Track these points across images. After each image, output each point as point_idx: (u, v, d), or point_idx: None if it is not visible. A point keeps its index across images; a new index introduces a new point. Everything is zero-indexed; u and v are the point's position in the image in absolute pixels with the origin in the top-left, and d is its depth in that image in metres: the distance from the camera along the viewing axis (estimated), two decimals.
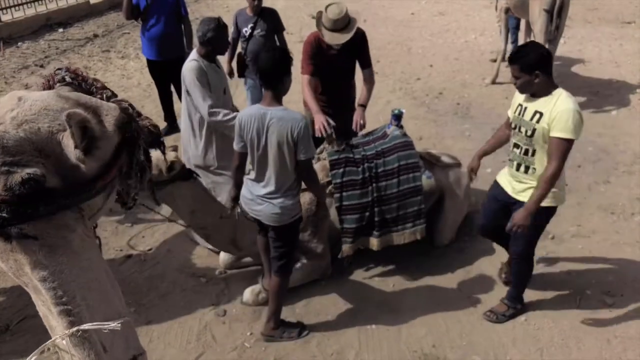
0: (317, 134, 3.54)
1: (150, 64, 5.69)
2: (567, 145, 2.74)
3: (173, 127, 5.95)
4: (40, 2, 10.76)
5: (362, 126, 3.79)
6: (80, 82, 1.67)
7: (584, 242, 4.01)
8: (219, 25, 3.62)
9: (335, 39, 3.70)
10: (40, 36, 9.96)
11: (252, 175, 2.89)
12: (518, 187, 3.01)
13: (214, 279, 3.66)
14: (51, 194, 1.24)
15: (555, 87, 2.85)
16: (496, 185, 3.20)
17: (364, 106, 3.87)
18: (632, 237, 4.05)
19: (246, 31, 4.79)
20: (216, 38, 3.61)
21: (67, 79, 1.66)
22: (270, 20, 4.87)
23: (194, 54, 3.70)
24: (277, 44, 4.99)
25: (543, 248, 3.93)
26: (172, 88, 5.85)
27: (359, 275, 3.68)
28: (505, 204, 3.09)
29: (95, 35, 10.13)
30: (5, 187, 1.19)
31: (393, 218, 3.54)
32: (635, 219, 4.28)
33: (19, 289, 3.51)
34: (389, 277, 3.66)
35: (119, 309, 1.49)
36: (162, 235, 4.14)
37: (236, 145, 2.88)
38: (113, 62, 8.69)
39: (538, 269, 3.72)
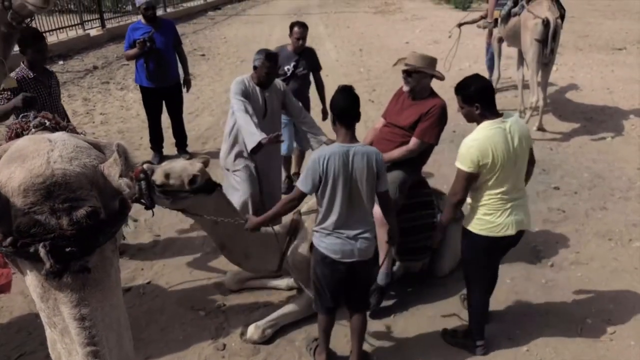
0: None
1: (147, 91, 5.83)
2: (460, 172, 2.94)
3: (161, 156, 6.06)
4: None
5: None
6: (55, 126, 1.73)
7: (583, 269, 4.02)
8: (263, 55, 3.90)
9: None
10: None
11: (333, 219, 2.79)
12: None
13: (213, 312, 3.63)
14: (103, 224, 1.29)
15: (487, 119, 2.94)
16: None
17: None
18: (631, 264, 4.06)
19: (288, 69, 4.85)
20: (259, 67, 3.90)
21: (47, 123, 1.72)
22: (310, 59, 5.00)
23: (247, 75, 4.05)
24: (313, 82, 5.13)
25: (542, 276, 3.94)
26: (167, 114, 6.06)
27: None
28: None
29: (95, 67, 10.25)
30: (71, 221, 1.22)
31: (404, 250, 3.64)
32: (633, 245, 4.30)
33: (17, 325, 3.48)
34: (390, 306, 3.64)
35: (128, 354, 1.47)
36: (160, 268, 4.13)
37: (305, 187, 2.78)
38: (112, 93, 8.78)
39: (538, 297, 3.72)
